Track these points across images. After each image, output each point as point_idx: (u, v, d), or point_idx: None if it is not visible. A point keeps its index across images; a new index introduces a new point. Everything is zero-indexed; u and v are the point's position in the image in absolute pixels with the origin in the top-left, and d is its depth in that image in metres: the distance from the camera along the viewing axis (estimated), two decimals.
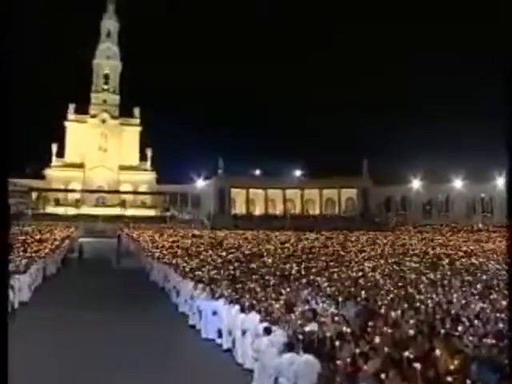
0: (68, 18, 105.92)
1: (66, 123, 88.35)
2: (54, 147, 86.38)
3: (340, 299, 15.21)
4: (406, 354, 8.00)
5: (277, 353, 10.19)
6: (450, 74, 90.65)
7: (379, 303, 14.52)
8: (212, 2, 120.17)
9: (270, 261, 30.11)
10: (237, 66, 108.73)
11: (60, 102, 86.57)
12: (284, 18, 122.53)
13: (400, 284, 19.21)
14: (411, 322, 11.49)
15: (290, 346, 9.87)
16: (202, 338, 16.22)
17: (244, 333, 13.19)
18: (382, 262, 30.05)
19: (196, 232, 56.42)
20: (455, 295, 16.18)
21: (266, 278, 21.45)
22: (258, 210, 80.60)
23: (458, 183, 74.85)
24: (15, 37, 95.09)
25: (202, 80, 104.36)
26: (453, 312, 12.97)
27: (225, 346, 14.89)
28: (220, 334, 15.35)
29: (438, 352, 8.39)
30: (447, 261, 30.13)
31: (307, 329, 11.12)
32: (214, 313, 15.83)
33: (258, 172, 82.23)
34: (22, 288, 22.31)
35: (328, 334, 10.31)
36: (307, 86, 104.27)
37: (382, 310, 13.33)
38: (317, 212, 79.73)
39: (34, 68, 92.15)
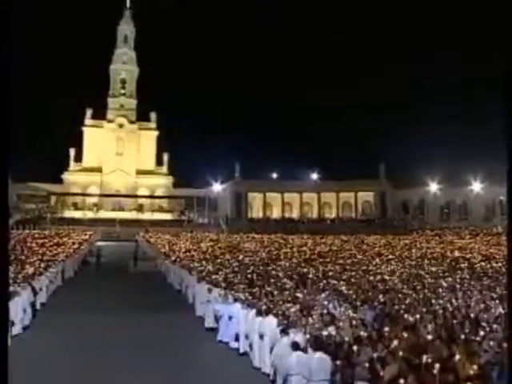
0: (85, 23, 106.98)
1: (84, 128, 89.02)
2: (72, 152, 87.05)
3: (357, 303, 15.13)
4: (425, 358, 7.92)
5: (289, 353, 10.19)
6: (466, 73, 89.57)
7: (397, 307, 14.41)
8: (228, 5, 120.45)
9: (287, 264, 30.07)
10: (254, 69, 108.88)
11: (77, 107, 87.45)
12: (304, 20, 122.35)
13: (418, 288, 19.06)
14: (429, 326, 11.38)
15: (296, 346, 9.98)
16: (218, 341, 16.21)
17: (261, 336, 13.15)
18: (400, 265, 29.87)
19: (213, 236, 56.46)
20: (474, 299, 16.00)
21: (283, 281, 21.41)
22: (274, 214, 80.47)
23: (476, 186, 74.11)
24: (32, 44, 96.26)
25: (218, 83, 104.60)
26: (472, 316, 12.82)
27: (241, 350, 14.86)
28: (237, 338, 15.34)
29: (457, 357, 8.30)
30: (466, 264, 29.84)
31: (325, 333, 11.06)
32: (231, 317, 15.82)
33: (274, 175, 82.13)
34: (41, 289, 22.72)
35: (346, 339, 10.26)
36: (324, 89, 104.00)
37: (400, 314, 13.23)
38: (334, 215, 79.47)
39: (52, 75, 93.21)
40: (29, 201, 76.91)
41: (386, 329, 10.92)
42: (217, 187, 78.03)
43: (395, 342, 9.57)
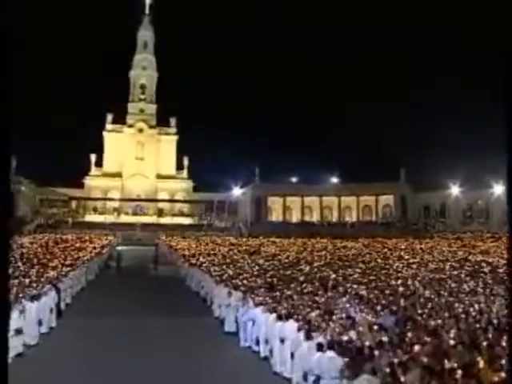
0: (104, 29, 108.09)
1: (104, 133, 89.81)
2: (93, 157, 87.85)
3: (378, 307, 15.02)
4: (447, 364, 7.83)
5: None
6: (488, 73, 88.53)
7: (419, 312, 14.28)
8: (247, 8, 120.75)
9: (307, 268, 29.96)
10: (273, 72, 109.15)
11: (98, 112, 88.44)
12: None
13: (440, 292, 18.86)
14: (452, 331, 11.25)
15: (319, 347, 10.17)
16: (239, 345, 16.23)
17: (282, 341, 13.13)
18: (422, 269, 29.60)
19: (233, 240, 56.52)
20: (498, 304, 15.77)
21: (304, 285, 21.34)
22: (294, 218, 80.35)
23: (498, 188, 73.14)
24: (52, 51, 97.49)
25: (238, 87, 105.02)
26: (495, 322, 12.64)
27: (262, 354, 14.86)
28: (257, 342, 15.34)
29: (480, 363, 8.18)
30: (489, 268, 29.46)
31: (345, 337, 11.01)
32: (251, 321, 15.82)
33: (294, 179, 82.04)
34: (65, 291, 23.65)
35: (366, 343, 10.20)
36: (344, 91, 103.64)
37: (422, 319, 13.11)
38: (354, 219, 79.13)
39: (73, 81, 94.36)
40: (51, 205, 77.86)
41: (408, 334, 10.84)
42: (236, 191, 78.13)
43: (417, 347, 9.48)
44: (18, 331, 14.30)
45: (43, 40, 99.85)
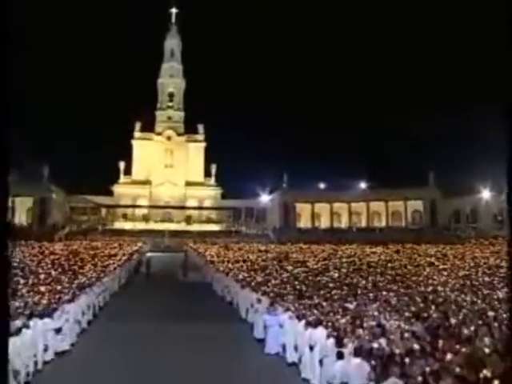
0: (132, 39, 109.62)
1: (133, 141, 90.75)
2: (122, 165, 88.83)
3: (409, 315, 14.82)
4: (482, 374, 7.66)
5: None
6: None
7: (451, 319, 14.04)
8: (271, 16, 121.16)
9: (336, 275, 29.77)
10: (301, 78, 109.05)
11: (126, 121, 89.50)
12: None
13: (472, 299, 18.52)
14: (486, 339, 11.01)
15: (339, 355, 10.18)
16: (267, 351, 16.19)
17: (311, 348, 13.05)
18: (453, 275, 29.16)
19: (261, 246, 56.47)
20: None
21: (333, 292, 21.20)
22: (323, 224, 79.95)
23: None
24: (84, 60, 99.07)
25: (265, 94, 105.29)
26: None
27: (289, 360, 14.81)
28: (284, 348, 15.30)
29: None
30: None
31: (375, 345, 10.89)
32: (280, 327, 15.78)
33: (322, 185, 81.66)
34: (99, 295, 24.78)
35: (397, 351, 10.07)
36: (372, 97, 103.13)
37: (454, 327, 12.88)
38: (383, 225, 78.40)
39: (102, 89, 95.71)
40: (81, 213, 79.01)
41: (440, 341, 10.66)
42: (264, 198, 78.10)
43: (449, 356, 9.32)
44: (58, 330, 15.41)
45: (74, 52, 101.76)
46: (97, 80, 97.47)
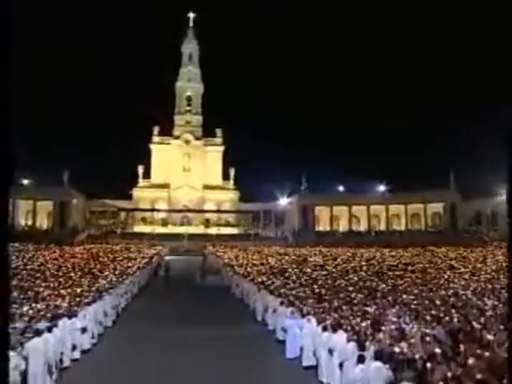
0: (149, 43, 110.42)
1: (151, 145, 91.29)
2: (141, 169, 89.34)
3: (429, 318, 14.71)
4: (505, 380, 7.57)
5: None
6: None
7: (472, 323, 13.89)
8: (289, 18, 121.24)
9: (355, 278, 29.65)
10: (320, 81, 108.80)
11: (145, 125, 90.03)
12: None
13: (494, 303, 18.31)
14: (507, 344, 10.87)
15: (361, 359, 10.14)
16: (288, 356, 16.15)
17: (331, 352, 12.98)
18: (474, 279, 28.86)
19: (280, 249, 56.42)
20: None
21: (352, 295, 21.12)
22: (341, 227, 79.63)
23: None
24: (103, 65, 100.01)
25: (283, 96, 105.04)
26: None
27: (305, 363, 14.78)
28: (302, 351, 15.27)
29: None
30: None
31: (396, 349, 10.82)
32: (299, 330, 15.74)
33: (341, 188, 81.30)
34: (122, 296, 25.70)
35: (417, 356, 10.00)
36: (391, 98, 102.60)
37: (475, 331, 12.74)
38: (402, 227, 77.86)
39: (121, 94, 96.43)
40: (100, 217, 79.62)
41: (461, 346, 10.56)
42: (283, 201, 78.00)
43: (471, 361, 9.22)
44: (84, 330, 16.23)
45: (93, 56, 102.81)
46: (115, 84, 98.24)
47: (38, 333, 12.69)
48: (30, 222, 69.84)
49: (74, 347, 15.24)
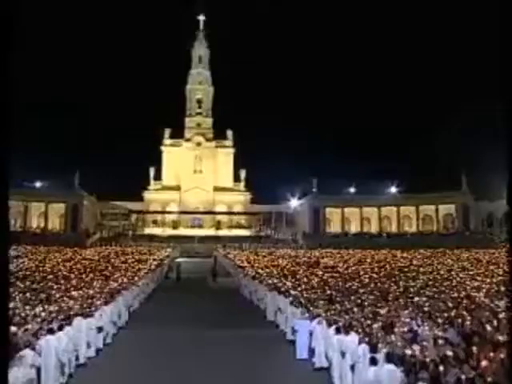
0: (160, 46, 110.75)
1: (162, 148, 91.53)
2: (152, 171, 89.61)
3: (442, 321, 14.61)
4: None
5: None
6: None
7: (486, 326, 13.78)
8: (298, 19, 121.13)
9: (366, 280, 29.54)
10: (329, 83, 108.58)
11: (156, 127, 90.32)
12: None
13: (507, 305, 18.15)
14: None
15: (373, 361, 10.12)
16: (298, 357, 16.13)
17: (343, 354, 12.93)
18: (487, 281, 28.65)
19: (291, 251, 56.35)
20: None
21: (364, 297, 21.04)
22: (353, 228, 79.37)
23: None
24: (115, 69, 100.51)
25: (294, 99, 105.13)
26: None
27: (317, 365, 14.74)
28: (313, 353, 15.23)
29: None
30: None
31: (408, 351, 10.76)
32: (311, 333, 15.70)
33: (352, 190, 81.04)
34: (135, 298, 26.32)
35: (429, 358, 9.93)
36: (401, 101, 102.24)
37: (488, 333, 12.64)
38: (414, 229, 77.46)
39: (132, 98, 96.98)
40: (111, 219, 79.85)
41: (474, 348, 10.47)
42: (294, 203, 77.89)
43: (484, 363, 9.14)
44: (100, 329, 16.81)
45: (103, 59, 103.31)
46: (126, 87, 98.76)
47: (52, 331, 12.88)
48: (42, 225, 70.23)
49: (88, 345, 15.67)
